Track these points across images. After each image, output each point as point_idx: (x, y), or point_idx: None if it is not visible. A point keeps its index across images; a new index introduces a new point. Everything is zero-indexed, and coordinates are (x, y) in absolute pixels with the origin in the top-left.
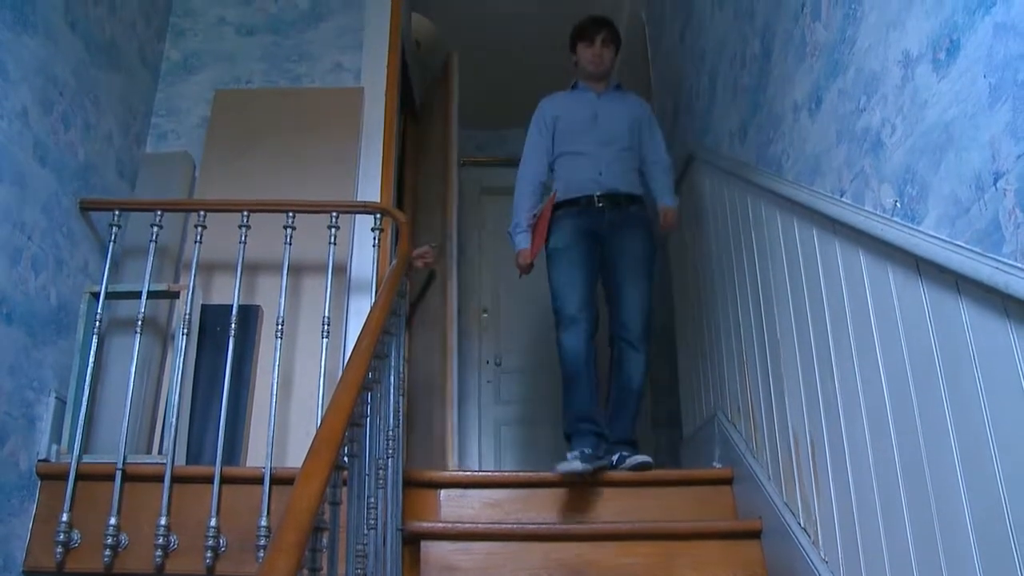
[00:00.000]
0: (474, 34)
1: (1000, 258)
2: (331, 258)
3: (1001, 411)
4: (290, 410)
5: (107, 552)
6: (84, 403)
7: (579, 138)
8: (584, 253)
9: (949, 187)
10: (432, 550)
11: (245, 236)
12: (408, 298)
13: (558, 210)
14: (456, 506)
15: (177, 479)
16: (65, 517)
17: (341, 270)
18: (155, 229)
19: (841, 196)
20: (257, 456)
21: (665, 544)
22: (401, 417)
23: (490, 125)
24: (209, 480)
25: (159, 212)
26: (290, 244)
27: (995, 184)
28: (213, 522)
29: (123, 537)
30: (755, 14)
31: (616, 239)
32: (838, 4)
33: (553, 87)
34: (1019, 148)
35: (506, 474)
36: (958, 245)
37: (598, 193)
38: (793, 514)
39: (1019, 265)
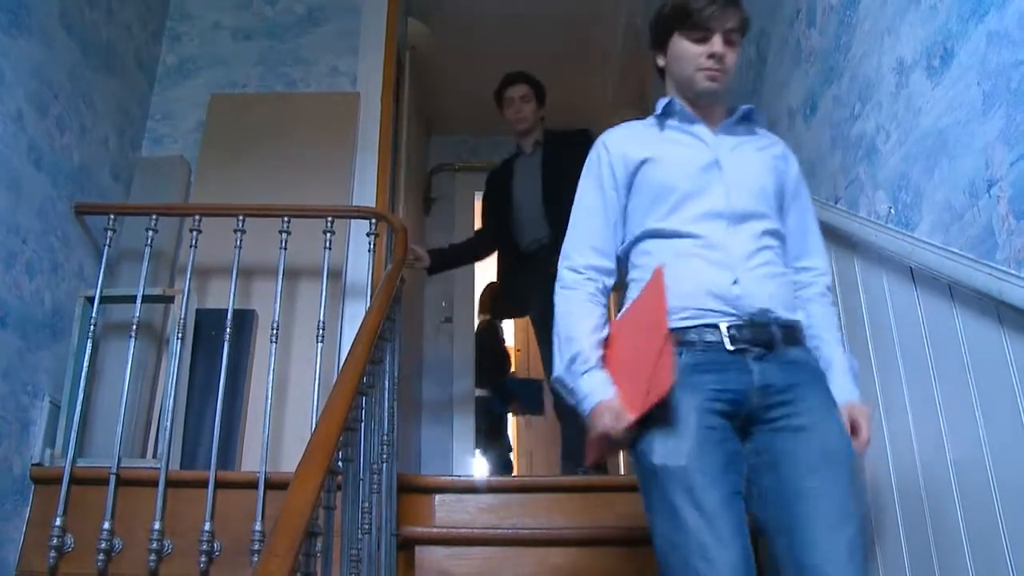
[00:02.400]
0: (470, 39)
1: (994, 264)
2: (326, 263)
3: (995, 417)
4: (285, 415)
5: (101, 556)
6: (78, 407)
7: (689, 205)
8: (719, 459)
9: (943, 194)
10: (426, 555)
11: (240, 240)
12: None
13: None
14: (451, 511)
15: (171, 483)
16: (59, 521)
17: (336, 275)
18: (150, 233)
19: (836, 203)
20: (252, 460)
21: None
22: (396, 422)
23: (485, 130)
24: (204, 484)
25: (154, 216)
26: (285, 248)
27: (988, 191)
28: (207, 526)
29: (117, 541)
30: (751, 19)
31: (779, 425)
32: (833, 11)
33: (551, 92)
34: (1012, 155)
35: (501, 479)
36: (952, 252)
37: (732, 323)
38: None
39: (1013, 272)
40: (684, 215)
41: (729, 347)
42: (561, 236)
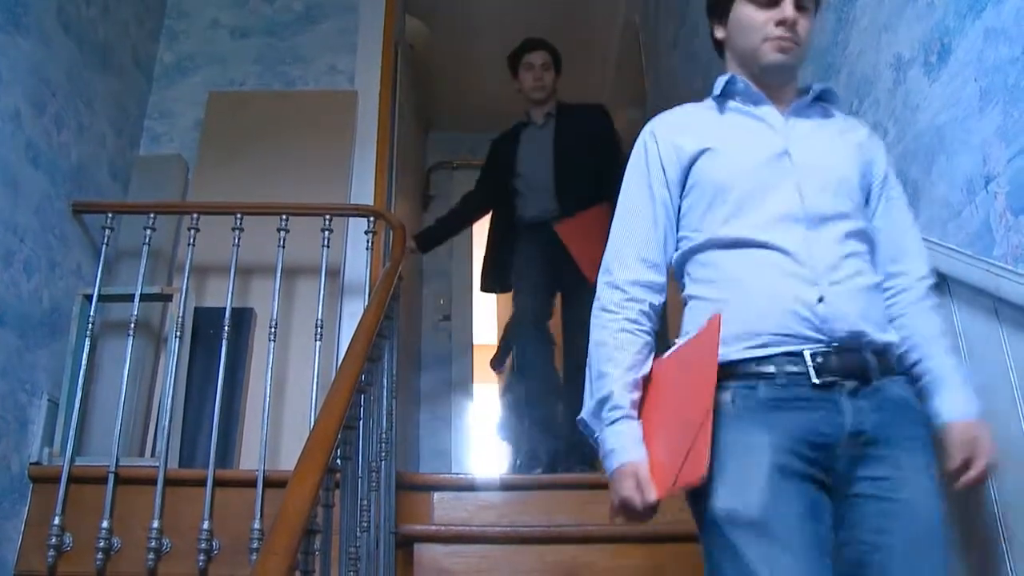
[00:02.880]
0: (468, 37)
1: (991, 260)
2: (324, 261)
3: (992, 412)
4: (283, 413)
5: (99, 555)
6: (77, 406)
7: (756, 206)
8: (800, 509)
9: (941, 190)
10: (425, 553)
11: (238, 239)
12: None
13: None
14: (450, 508)
15: (170, 482)
16: (57, 520)
17: (335, 273)
18: (148, 232)
19: None
20: (250, 459)
21: (661, 547)
22: (394, 420)
23: (483, 128)
24: (202, 483)
25: (152, 215)
26: (283, 247)
27: (986, 187)
28: (206, 525)
29: (116, 540)
30: None
31: (865, 491)
32: (830, 7)
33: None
34: (1010, 151)
35: (500, 476)
36: (949, 247)
37: (818, 349)
38: None
39: (1010, 267)
40: (752, 219)
41: (815, 380)
42: (570, 210)
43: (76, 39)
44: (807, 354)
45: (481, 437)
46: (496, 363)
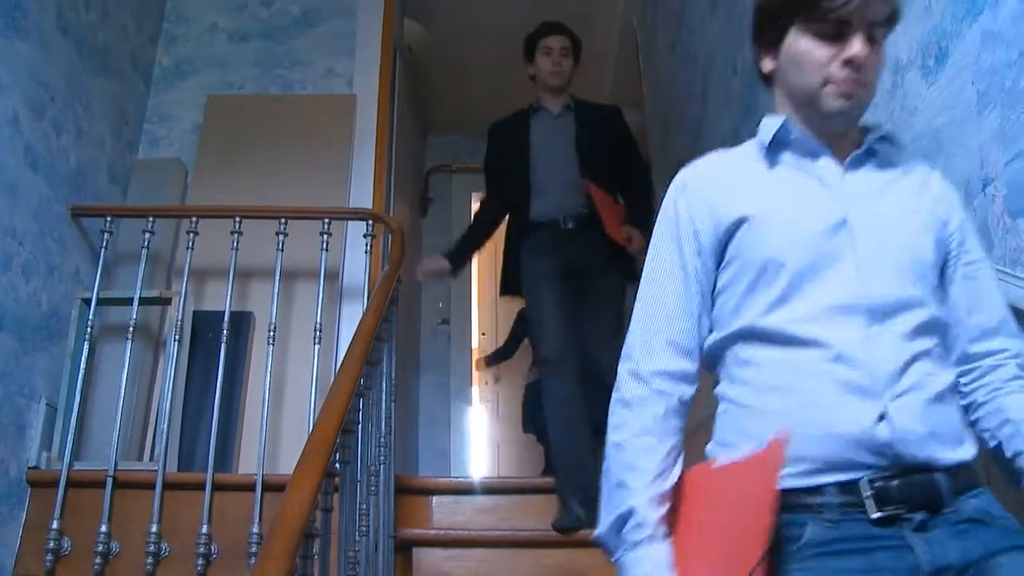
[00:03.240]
0: (466, 40)
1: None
2: (323, 264)
3: None
4: (282, 416)
5: (98, 560)
6: (75, 410)
7: (807, 291)
8: None
9: None
10: (424, 557)
11: (237, 242)
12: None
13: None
14: (448, 512)
15: (168, 486)
16: (55, 524)
17: (333, 276)
18: (147, 235)
19: None
20: (249, 463)
21: None
22: (393, 423)
23: (482, 132)
24: (201, 487)
25: (151, 218)
26: (282, 250)
27: (984, 190)
28: (205, 529)
29: (114, 544)
30: (746, 19)
31: None
32: None
33: None
34: (1007, 154)
35: (498, 480)
36: None
37: (877, 476)
38: None
39: (1008, 271)
40: (801, 307)
41: (875, 514)
42: (595, 207)
43: (75, 43)
44: (863, 483)
45: (480, 441)
46: (490, 361)
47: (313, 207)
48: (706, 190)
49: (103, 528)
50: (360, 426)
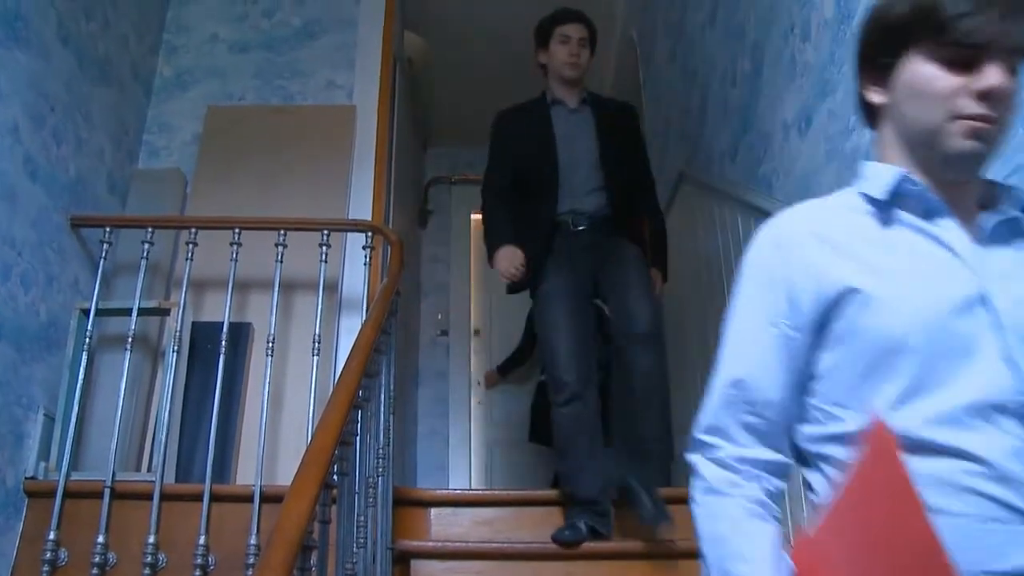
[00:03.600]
0: (466, 52)
1: None
2: (322, 276)
3: None
4: (280, 428)
5: (95, 571)
6: (73, 420)
7: (941, 384)
8: None
9: None
10: (422, 569)
11: (236, 253)
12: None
13: None
14: (446, 524)
15: (166, 497)
16: (52, 535)
17: (332, 288)
18: (146, 246)
19: None
20: (247, 474)
21: (657, 563)
22: (392, 435)
23: (482, 143)
24: (199, 498)
25: (150, 229)
26: (281, 262)
27: None
28: (202, 540)
29: (111, 556)
30: (745, 33)
31: None
32: (827, 25)
33: None
34: (1007, 169)
35: (496, 492)
36: None
37: None
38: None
39: None
40: (933, 405)
41: None
42: (620, 208)
43: (75, 53)
44: None
45: (478, 452)
46: (503, 369)
47: (312, 218)
48: (808, 247)
49: (100, 539)
50: (358, 438)
